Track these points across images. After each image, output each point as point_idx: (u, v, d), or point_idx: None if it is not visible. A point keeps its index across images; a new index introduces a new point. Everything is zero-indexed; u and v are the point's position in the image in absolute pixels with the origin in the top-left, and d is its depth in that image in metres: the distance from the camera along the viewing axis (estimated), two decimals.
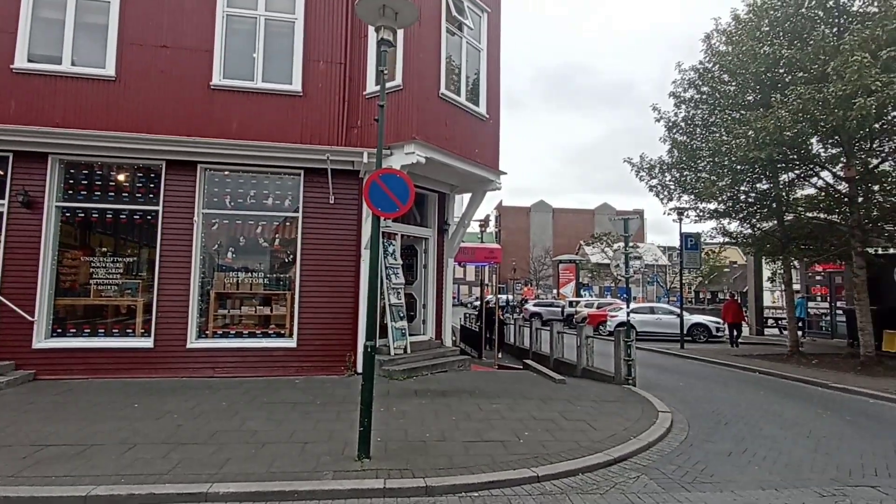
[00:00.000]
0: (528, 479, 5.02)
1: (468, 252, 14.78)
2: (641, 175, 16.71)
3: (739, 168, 14.17)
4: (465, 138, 10.36)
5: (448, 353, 11.17)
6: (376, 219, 5.77)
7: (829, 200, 14.55)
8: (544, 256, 68.45)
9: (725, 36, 15.17)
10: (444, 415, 7.13)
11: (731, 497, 4.79)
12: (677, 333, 18.92)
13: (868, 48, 10.91)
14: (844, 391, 10.25)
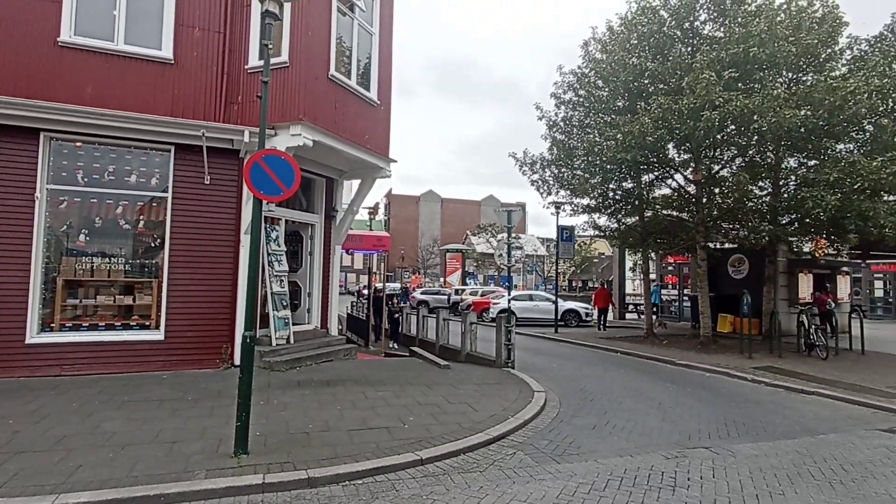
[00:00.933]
0: (413, 462, 5.11)
1: (356, 239, 14.55)
2: (524, 170, 17.61)
3: (609, 168, 15.48)
4: (356, 123, 10.14)
5: (334, 343, 10.95)
6: (258, 202, 5.46)
7: (680, 200, 16.46)
8: (432, 245, 69.65)
9: (601, 45, 16.41)
10: (328, 405, 6.99)
11: (594, 465, 5.29)
12: (552, 319, 20.34)
13: (714, 68, 12.48)
14: (687, 367, 11.76)
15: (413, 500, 4.36)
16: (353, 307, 20.90)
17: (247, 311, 5.36)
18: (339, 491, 4.52)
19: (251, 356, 5.21)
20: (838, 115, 12.08)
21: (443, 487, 4.64)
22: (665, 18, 14.87)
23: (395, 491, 4.55)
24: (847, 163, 12.29)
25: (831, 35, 13.43)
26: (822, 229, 14.50)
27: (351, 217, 11.67)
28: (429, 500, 4.38)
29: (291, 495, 4.40)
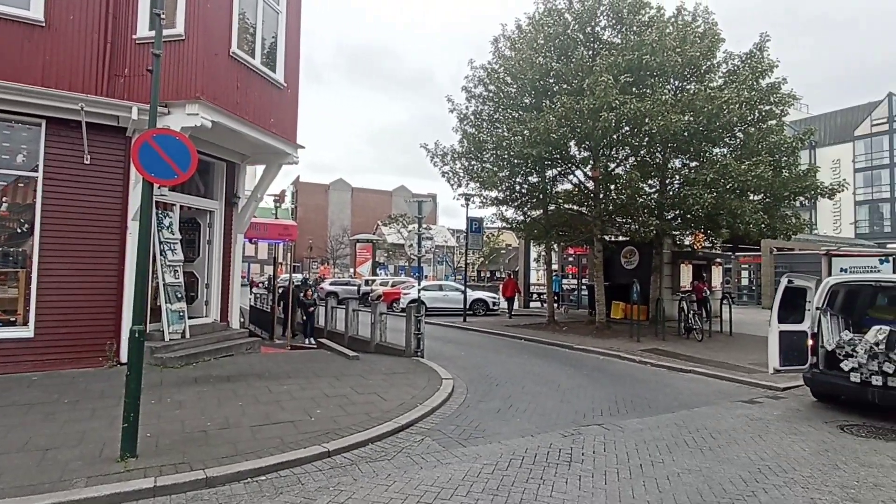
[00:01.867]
0: (319, 455, 5.03)
1: (260, 228, 13.86)
2: (435, 161, 17.76)
3: (516, 162, 16.06)
4: (260, 105, 9.64)
5: (235, 336, 10.41)
6: (148, 186, 5.03)
7: (580, 195, 17.47)
8: (342, 235, 68.21)
9: (510, 42, 16.91)
10: (228, 401, 6.65)
11: (498, 447, 5.52)
12: (462, 308, 20.80)
13: (612, 72, 13.34)
14: (584, 351, 12.58)
15: (320, 493, 4.29)
16: (256, 299, 19.96)
17: (135, 304, 4.94)
18: (240, 489, 4.34)
19: (140, 352, 4.82)
20: (715, 121, 13.45)
21: (350, 478, 4.62)
22: (569, 21, 15.63)
23: (300, 485, 4.45)
24: (721, 165, 13.71)
25: (711, 49, 14.87)
26: (700, 224, 16.09)
27: (254, 204, 11.11)
28: (336, 491, 4.33)
29: (187, 497, 4.15)
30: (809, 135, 15.69)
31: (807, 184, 14.68)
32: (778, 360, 7.68)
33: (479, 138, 17.07)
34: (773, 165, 14.12)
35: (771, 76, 14.83)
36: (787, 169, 14.90)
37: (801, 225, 16.31)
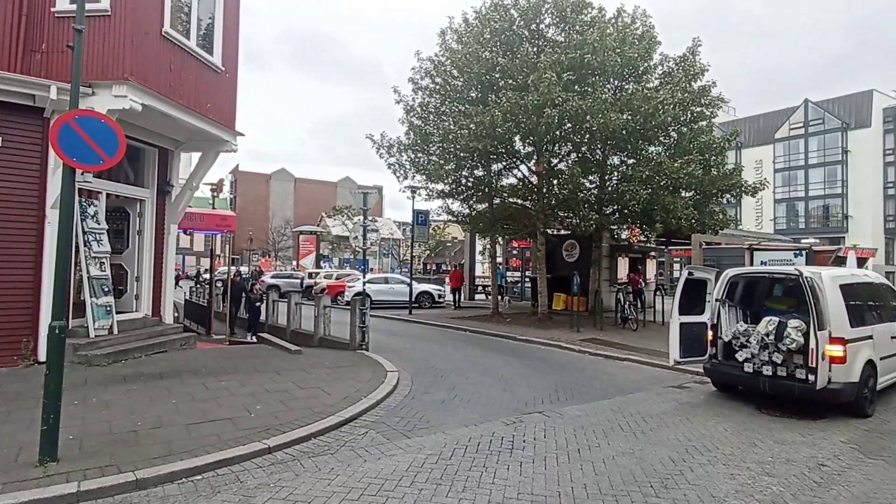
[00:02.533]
0: (259, 451, 4.89)
1: (196, 218, 13.23)
2: (381, 152, 17.56)
3: (462, 155, 16.16)
4: (196, 89, 9.18)
5: (169, 332, 9.93)
6: (70, 171, 4.69)
7: (524, 189, 17.82)
8: (284, 227, 66.30)
9: (457, 35, 16.91)
10: (161, 399, 6.35)
11: (442, 437, 5.57)
12: (408, 301, 20.78)
13: (555, 69, 13.64)
14: (527, 341, 12.90)
15: (260, 490, 4.18)
16: (192, 292, 19.11)
17: (55, 298, 4.61)
18: (174, 490, 4.16)
19: (61, 350, 4.50)
20: (651, 120, 14.06)
21: (292, 473, 4.53)
22: (515, 17, 15.82)
23: (239, 483, 4.32)
24: (656, 163, 14.37)
25: (648, 51, 15.50)
26: (636, 219, 16.80)
27: (189, 193, 10.59)
28: (277, 487, 4.24)
29: (115, 501, 3.94)
30: (735, 136, 16.69)
31: (733, 182, 15.64)
32: (678, 351, 7.57)
33: (425, 130, 17.03)
34: (703, 164, 14.94)
35: (702, 79, 15.65)
36: (715, 168, 15.81)
37: (727, 220, 17.38)
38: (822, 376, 6.21)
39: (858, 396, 6.42)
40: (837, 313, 6.47)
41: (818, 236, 39.08)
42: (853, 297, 7.06)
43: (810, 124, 49.29)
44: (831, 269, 7.93)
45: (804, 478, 4.62)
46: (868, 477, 4.68)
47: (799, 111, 50.27)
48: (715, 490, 4.31)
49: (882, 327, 7.29)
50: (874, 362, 6.78)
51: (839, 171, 47.45)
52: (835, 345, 6.29)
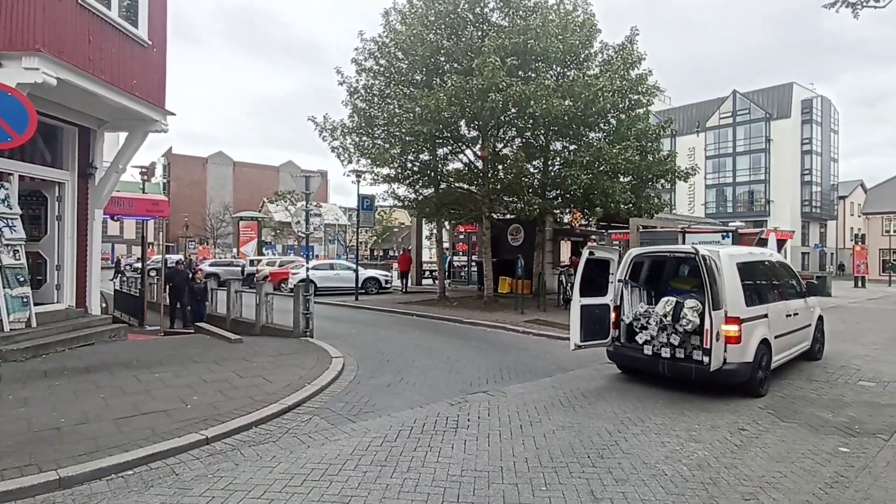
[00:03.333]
0: (197, 442, 4.73)
1: (125, 203, 12.44)
2: (324, 135, 17.13)
3: (408, 139, 16.00)
4: (120, 64, 8.58)
5: (96, 323, 9.36)
6: None
7: (470, 174, 17.90)
8: (223, 213, 63.64)
9: (401, 16, 16.64)
10: (87, 394, 6.00)
11: (388, 420, 5.58)
12: (354, 287, 20.54)
13: (499, 54, 13.70)
14: (473, 324, 13.07)
15: (197, 482, 4.04)
16: (122, 282, 18.06)
17: None
18: (102, 487, 3.95)
19: None
20: (591, 107, 14.44)
21: (231, 463, 4.40)
22: (459, 0, 15.72)
23: (175, 475, 4.16)
24: (596, 148, 14.79)
25: (589, 38, 15.84)
26: (577, 204, 17.28)
27: (115, 176, 9.92)
28: (216, 478, 4.11)
29: (37, 501, 3.70)
30: (670, 123, 17.42)
31: (667, 167, 16.36)
32: (578, 334, 7.18)
33: (369, 113, 16.72)
34: (640, 150, 15.53)
35: (639, 67, 16.17)
36: (651, 154, 16.47)
37: (662, 205, 18.21)
38: (716, 357, 6.01)
39: (753, 376, 6.31)
40: (734, 292, 6.29)
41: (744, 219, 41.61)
42: (750, 275, 6.93)
43: (738, 114, 52.16)
44: (729, 247, 7.61)
45: (726, 442, 4.97)
46: (782, 439, 5.09)
47: (728, 101, 53.05)
48: (647, 457, 4.55)
49: (778, 306, 7.25)
50: (769, 341, 6.68)
51: (763, 158, 50.59)
52: (730, 324, 6.13)
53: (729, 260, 6.49)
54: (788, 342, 7.42)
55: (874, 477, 4.22)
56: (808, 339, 8.22)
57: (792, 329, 7.52)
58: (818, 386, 7.10)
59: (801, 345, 7.99)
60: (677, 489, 3.98)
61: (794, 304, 7.79)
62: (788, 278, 8.21)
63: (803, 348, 8.08)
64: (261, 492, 3.89)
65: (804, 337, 8.08)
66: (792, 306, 7.68)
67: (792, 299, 7.81)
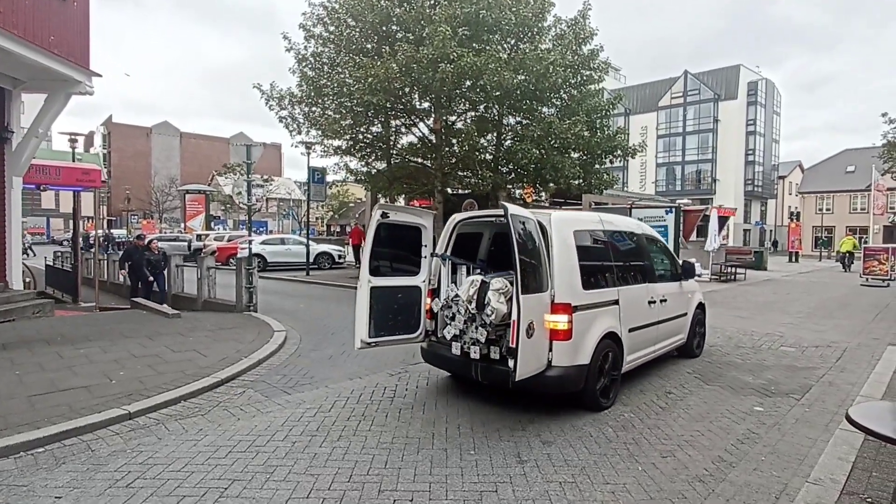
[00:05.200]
0: (118, 417, 4.53)
1: (52, 172, 11.61)
2: (271, 104, 16.48)
3: (358, 110, 15.60)
4: (34, 18, 7.89)
5: (17, 298, 8.81)
6: None
7: (424, 148, 17.70)
8: (169, 186, 60.87)
9: None
10: (1, 372, 5.63)
11: (324, 391, 5.51)
12: (306, 262, 20.14)
13: (451, 24, 13.44)
14: None
15: (114, 457, 3.88)
16: (55, 257, 17.05)
17: None
18: (8, 465, 3.74)
19: None
20: (543, 81, 14.41)
21: (154, 437, 4.25)
22: None
23: (90, 451, 3.98)
24: (546, 123, 14.84)
25: (542, 11, 15.71)
26: (530, 179, 17.40)
27: (35, 142, 9.23)
28: (135, 452, 3.96)
29: None
30: (619, 99, 17.64)
31: (616, 143, 16.63)
32: (366, 328, 5.23)
33: (319, 83, 16.18)
34: (590, 126, 15.70)
35: (591, 43, 16.22)
36: (601, 130, 16.69)
37: (611, 180, 18.58)
38: (526, 360, 4.15)
39: (590, 385, 4.73)
40: (566, 270, 4.68)
41: (691, 197, 43.16)
42: (596, 250, 5.33)
43: (689, 94, 53.57)
44: (569, 213, 5.61)
45: (652, 405, 5.17)
46: (704, 400, 5.34)
47: (679, 82, 54.35)
48: (575, 421, 4.67)
49: (635, 290, 5.63)
50: (618, 336, 5.14)
51: (710, 138, 52.35)
52: (558, 313, 4.49)
53: (562, 227, 4.85)
54: (651, 336, 5.91)
55: (782, 433, 4.49)
56: (682, 331, 6.74)
57: (657, 319, 5.98)
58: (744, 352, 7.48)
59: (673, 339, 6.49)
60: (601, 449, 4.11)
61: (663, 289, 6.21)
62: (659, 256, 6.60)
63: (676, 343, 6.60)
64: (181, 465, 3.77)
65: (677, 329, 6.55)
66: (659, 290, 6.08)
67: (660, 282, 6.23)
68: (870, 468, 3.67)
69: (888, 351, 7.50)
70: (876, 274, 18.25)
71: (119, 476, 3.60)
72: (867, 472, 3.60)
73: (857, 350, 7.65)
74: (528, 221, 4.48)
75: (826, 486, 3.41)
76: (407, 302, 5.45)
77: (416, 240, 5.56)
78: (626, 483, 3.56)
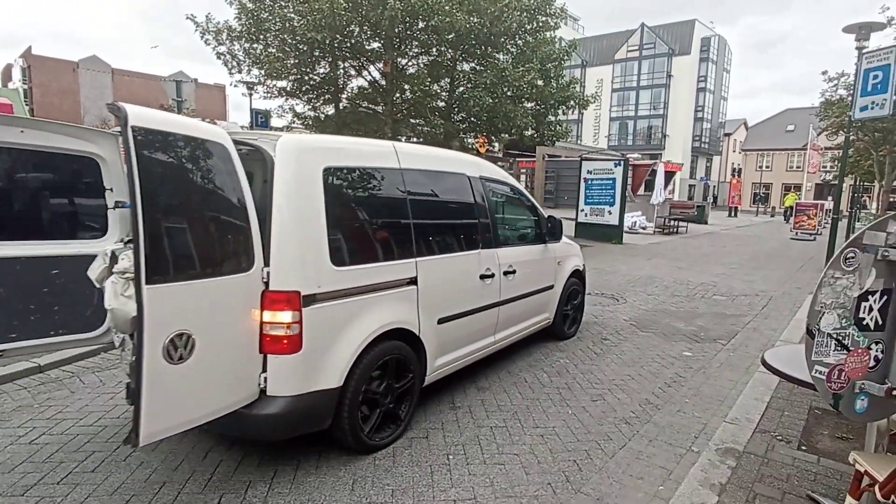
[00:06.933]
0: (27, 371, 4.21)
1: None
2: (207, 39, 15.24)
3: (302, 48, 14.67)
4: None
5: None
6: None
7: (374, 92, 16.97)
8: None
9: None
10: None
11: None
12: None
13: None
14: None
15: (18, 413, 3.63)
16: None
17: None
18: None
19: None
20: (497, 25, 13.92)
21: (67, 391, 3.99)
22: None
23: None
24: (499, 69, 14.46)
25: None
26: (483, 128, 17.12)
27: None
28: (42, 407, 3.73)
29: None
30: (574, 48, 17.34)
31: (569, 94, 16.48)
32: None
33: (259, 16, 15.03)
34: (543, 74, 15.42)
35: None
36: (555, 79, 16.45)
37: (564, 132, 18.53)
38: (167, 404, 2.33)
39: (346, 417, 3.01)
40: (295, 233, 2.82)
41: (642, 152, 43.95)
42: (375, 200, 3.38)
43: (644, 48, 53.61)
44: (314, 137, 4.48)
45: (588, 351, 5.28)
46: (638, 346, 5.50)
47: (636, 35, 54.19)
48: (511, 367, 4.71)
49: (452, 261, 3.82)
50: (412, 332, 3.40)
51: (663, 93, 52.99)
52: (277, 308, 2.72)
53: (299, 160, 2.91)
54: (484, 324, 4.14)
55: (707, 376, 4.69)
56: (546, 309, 5.14)
57: (497, 300, 4.21)
58: (679, 300, 7.76)
59: (528, 322, 4.85)
60: (534, 394, 4.16)
61: (513, 255, 4.44)
62: (512, 210, 4.95)
63: (534, 325, 4.97)
64: (94, 419, 3.54)
65: (536, 307, 4.93)
66: (505, 258, 4.29)
67: (510, 246, 4.53)
68: (783, 408, 3.88)
69: (808, 299, 7.97)
70: (805, 228, 19.34)
71: (22, 432, 3.34)
72: (780, 412, 3.81)
73: (782, 298, 8.10)
74: (202, 143, 2.47)
75: (741, 425, 3.58)
76: (70, 282, 3.17)
77: (93, 179, 3.31)
78: (555, 426, 3.62)
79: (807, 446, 3.33)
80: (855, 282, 1.72)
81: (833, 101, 23.98)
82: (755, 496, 2.77)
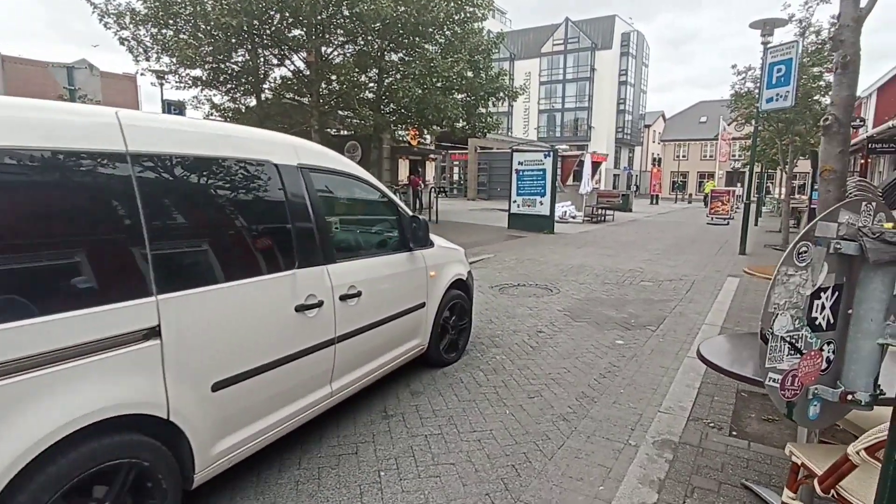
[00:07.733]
0: None
1: None
2: (107, 22, 13.95)
3: (217, 34, 13.73)
4: None
5: None
6: None
7: (298, 83, 16.24)
8: None
9: None
10: None
11: None
12: None
13: None
14: None
15: None
16: None
17: None
18: None
19: None
20: (425, 14, 13.65)
21: None
22: None
23: None
24: (428, 60, 14.22)
25: None
26: (413, 120, 16.85)
27: None
28: None
29: None
30: (501, 39, 17.41)
31: (498, 85, 16.53)
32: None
33: None
34: (473, 65, 15.36)
35: None
36: (484, 71, 16.44)
37: (495, 123, 18.61)
38: None
39: None
40: None
41: (570, 143, 45.29)
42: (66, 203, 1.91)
43: (569, 42, 55.19)
44: None
45: (524, 345, 5.19)
46: (572, 337, 5.48)
47: (561, 29, 55.66)
48: (448, 368, 4.51)
49: (246, 289, 2.48)
50: (157, 416, 2.05)
51: (587, 87, 54.87)
52: None
53: None
54: (307, 374, 2.89)
55: (639, 364, 4.72)
56: (417, 334, 4.07)
57: (332, 337, 3.00)
58: (609, 288, 7.90)
59: (389, 355, 3.71)
60: (470, 395, 3.99)
61: (357, 270, 3.29)
62: (361, 210, 3.97)
63: (400, 357, 3.87)
64: None
65: (401, 335, 3.83)
66: (345, 276, 3.12)
67: (358, 258, 3.46)
68: (713, 393, 3.94)
69: (727, 282, 8.38)
70: (719, 213, 20.60)
71: None
72: (710, 397, 3.86)
73: (703, 282, 8.46)
74: None
75: (675, 413, 3.58)
76: None
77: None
78: (492, 429, 3.46)
79: (737, 432, 3.36)
80: (808, 278, 1.64)
81: (742, 93, 25.65)
82: (693, 490, 2.74)
